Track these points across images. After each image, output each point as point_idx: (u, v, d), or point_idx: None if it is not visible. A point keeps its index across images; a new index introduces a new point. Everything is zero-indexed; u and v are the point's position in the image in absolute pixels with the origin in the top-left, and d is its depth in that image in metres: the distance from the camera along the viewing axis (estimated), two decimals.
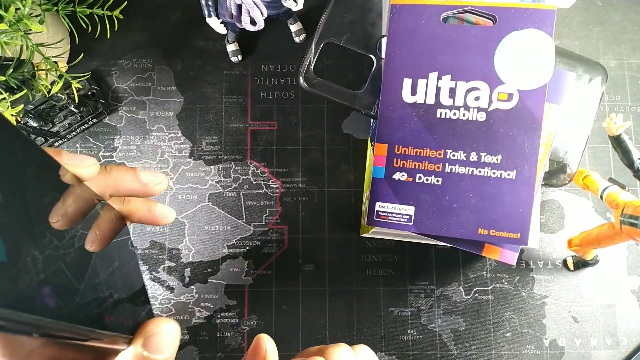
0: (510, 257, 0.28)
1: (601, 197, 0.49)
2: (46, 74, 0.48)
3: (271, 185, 0.59)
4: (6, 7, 0.43)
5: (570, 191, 0.60)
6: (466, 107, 0.24)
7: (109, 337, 0.16)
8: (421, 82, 0.25)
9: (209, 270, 0.57)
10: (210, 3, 0.51)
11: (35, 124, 0.56)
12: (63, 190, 0.17)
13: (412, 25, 0.26)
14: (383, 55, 0.48)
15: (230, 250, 0.58)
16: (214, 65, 0.62)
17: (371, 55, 0.47)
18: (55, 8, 0.49)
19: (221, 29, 0.54)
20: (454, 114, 0.25)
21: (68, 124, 0.58)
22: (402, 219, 0.26)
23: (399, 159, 0.26)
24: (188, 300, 0.57)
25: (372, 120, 0.51)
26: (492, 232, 0.24)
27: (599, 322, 0.57)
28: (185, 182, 0.59)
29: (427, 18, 0.25)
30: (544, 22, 0.25)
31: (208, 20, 0.52)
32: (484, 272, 0.57)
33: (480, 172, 0.25)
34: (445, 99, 0.25)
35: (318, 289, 0.57)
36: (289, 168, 0.60)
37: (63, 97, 0.55)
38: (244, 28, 0.50)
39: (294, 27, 0.61)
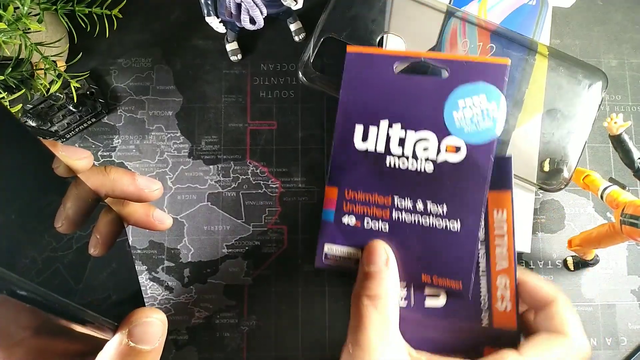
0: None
1: (601, 197, 0.49)
2: (45, 73, 0.48)
3: (271, 185, 0.59)
4: (5, 6, 0.42)
5: (571, 191, 0.60)
6: (415, 157, 0.25)
7: (90, 317, 0.16)
8: (372, 129, 0.26)
9: (208, 270, 0.57)
10: (209, 2, 0.51)
11: (33, 124, 0.56)
12: (57, 184, 0.17)
13: (365, 73, 0.26)
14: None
15: (230, 250, 0.58)
16: (213, 64, 0.62)
17: None
18: (54, 7, 0.49)
19: (220, 28, 0.54)
20: (403, 163, 0.25)
21: (67, 123, 0.58)
22: (349, 262, 0.26)
23: (349, 203, 0.26)
24: (187, 301, 0.57)
25: None
26: (435, 279, 0.25)
27: (599, 322, 0.57)
28: (184, 181, 0.59)
29: (381, 67, 0.25)
30: (496, 76, 0.24)
31: (207, 19, 0.52)
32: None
33: (425, 221, 0.25)
34: (394, 148, 0.25)
35: (318, 289, 0.57)
36: (288, 168, 0.60)
37: (62, 96, 0.55)
38: (243, 27, 0.50)
39: (293, 26, 0.61)
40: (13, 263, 0.13)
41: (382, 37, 0.47)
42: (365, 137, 0.26)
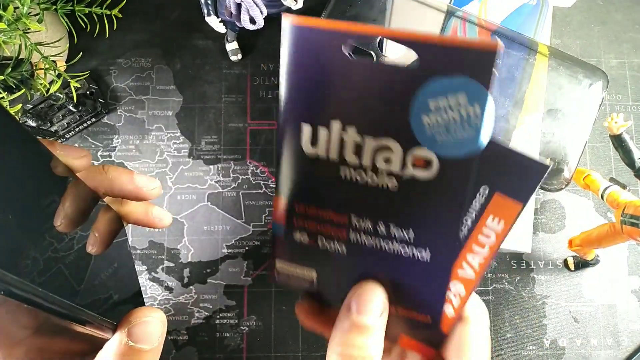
0: (427, 351, 0.23)
1: (602, 197, 0.49)
2: (45, 73, 0.48)
3: (271, 185, 0.59)
4: (5, 6, 0.42)
5: (571, 191, 0.60)
6: (374, 169, 0.19)
7: (89, 317, 0.16)
8: (322, 131, 0.20)
9: (208, 270, 0.57)
10: (209, 2, 0.51)
11: (33, 124, 0.56)
12: (57, 184, 0.17)
13: (312, 54, 0.20)
14: (384, 53, 0.47)
15: (230, 250, 0.58)
16: (213, 64, 0.62)
17: (371, 52, 0.47)
18: (54, 7, 0.49)
19: (220, 28, 0.54)
20: (360, 176, 0.20)
21: (67, 123, 0.58)
22: (305, 283, 0.22)
23: (300, 218, 0.22)
24: (187, 301, 0.56)
25: None
26: (400, 311, 0.21)
27: (600, 322, 0.57)
28: (184, 181, 0.59)
29: (331, 48, 0.19)
30: (480, 68, 0.18)
31: (207, 19, 0.52)
32: (485, 273, 0.56)
33: (389, 247, 0.20)
34: (350, 156, 0.20)
35: None
36: None
37: (61, 96, 0.54)
38: (243, 27, 0.50)
39: None
40: (15, 264, 0.13)
41: (382, 38, 0.47)
42: (314, 141, 0.20)
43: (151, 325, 0.17)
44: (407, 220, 0.20)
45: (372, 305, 0.21)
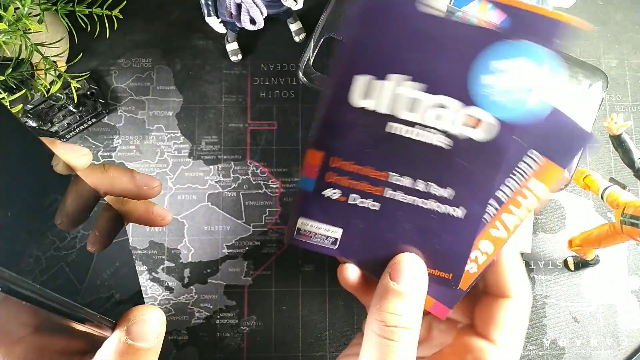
0: (441, 311, 0.23)
1: (602, 197, 0.49)
2: (45, 74, 0.48)
3: (271, 185, 0.59)
4: (5, 7, 0.42)
5: (571, 191, 0.60)
6: (424, 126, 0.20)
7: (88, 315, 0.16)
8: (377, 84, 0.20)
9: (209, 270, 0.57)
10: (209, 2, 0.51)
11: (34, 124, 0.56)
12: (58, 183, 0.17)
13: (381, 7, 0.20)
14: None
15: (230, 250, 0.58)
16: (213, 64, 0.62)
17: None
18: (54, 7, 0.49)
19: (220, 28, 0.54)
20: (409, 132, 0.20)
21: (67, 123, 0.58)
22: (326, 242, 0.22)
23: (334, 174, 0.21)
24: (187, 301, 0.56)
25: None
26: None
27: (600, 322, 0.57)
28: (184, 182, 0.59)
29: (403, 1, 0.19)
30: (546, 34, 0.19)
31: (207, 19, 0.52)
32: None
33: (424, 203, 0.21)
34: (402, 111, 0.20)
35: (318, 290, 0.57)
36: (288, 168, 0.60)
37: (62, 96, 0.54)
38: (243, 27, 0.50)
39: (293, 27, 0.61)
40: (17, 262, 0.13)
41: None
42: (367, 94, 0.20)
43: (150, 324, 0.17)
44: (448, 178, 0.20)
45: (410, 270, 0.21)
